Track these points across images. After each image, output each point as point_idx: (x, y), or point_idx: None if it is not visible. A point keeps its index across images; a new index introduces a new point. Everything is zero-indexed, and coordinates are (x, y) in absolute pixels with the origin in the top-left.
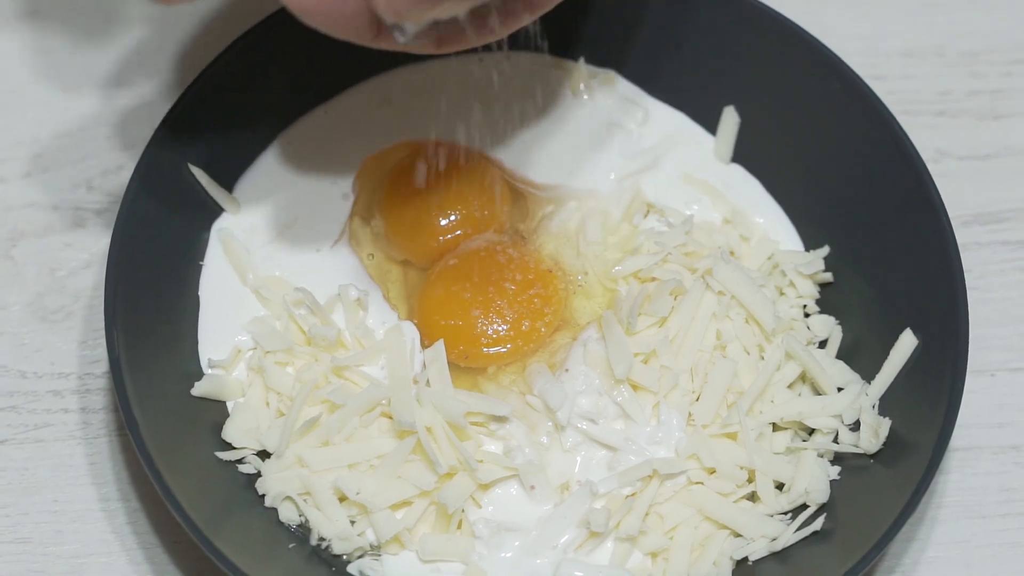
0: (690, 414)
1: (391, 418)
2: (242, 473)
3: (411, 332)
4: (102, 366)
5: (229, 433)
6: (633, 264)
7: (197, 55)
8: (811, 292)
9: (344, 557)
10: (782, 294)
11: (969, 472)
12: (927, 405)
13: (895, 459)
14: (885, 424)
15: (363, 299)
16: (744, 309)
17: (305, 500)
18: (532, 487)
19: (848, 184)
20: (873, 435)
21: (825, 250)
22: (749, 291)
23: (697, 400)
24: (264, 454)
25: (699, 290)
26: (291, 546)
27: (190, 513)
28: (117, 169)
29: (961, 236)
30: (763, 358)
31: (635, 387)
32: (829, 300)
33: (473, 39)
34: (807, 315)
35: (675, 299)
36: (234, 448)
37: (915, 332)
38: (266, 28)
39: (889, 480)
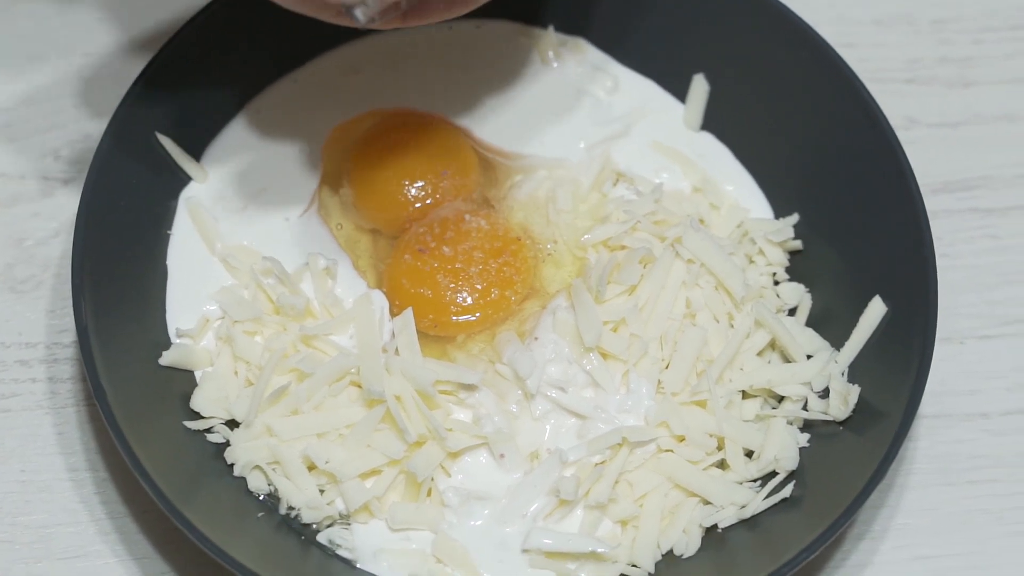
0: (660, 382)
1: (360, 387)
2: (211, 443)
3: (380, 301)
4: (70, 335)
5: (197, 402)
6: (602, 232)
7: (165, 23)
8: (781, 260)
9: (314, 526)
10: (752, 262)
11: (938, 439)
12: (896, 372)
13: (864, 426)
14: (854, 391)
15: (332, 268)
16: (714, 277)
17: (274, 469)
18: (502, 455)
19: (818, 152)
20: (842, 402)
21: (795, 218)
22: (719, 259)
23: (667, 368)
24: (233, 423)
25: (668, 258)
26: (260, 515)
27: (159, 483)
28: (84, 138)
29: (931, 203)
30: (732, 326)
31: (604, 355)
32: (799, 268)
33: (441, 11)
34: (776, 283)
35: (644, 267)
36: (203, 417)
37: (884, 300)
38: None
39: (858, 447)
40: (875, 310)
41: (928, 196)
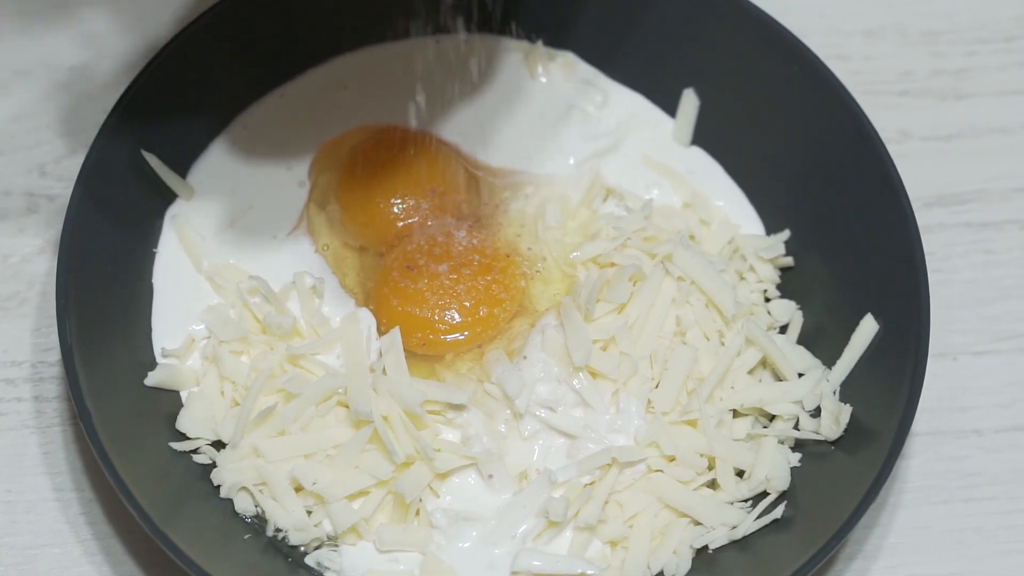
0: (649, 401)
1: (347, 407)
2: (197, 464)
3: (367, 319)
4: (55, 354)
5: (183, 423)
6: (592, 249)
7: (151, 38)
8: (772, 277)
9: (301, 548)
10: (742, 279)
11: (931, 457)
12: (888, 390)
13: (856, 445)
14: (846, 411)
15: (319, 287)
16: (704, 294)
17: (261, 491)
18: (490, 476)
19: (809, 167)
20: (834, 421)
21: (786, 234)
22: (709, 276)
23: (657, 387)
24: (219, 444)
25: (658, 275)
26: (247, 537)
27: (144, 505)
28: (70, 154)
29: (923, 218)
30: (723, 344)
31: (594, 374)
32: (790, 284)
33: None
34: (768, 300)
35: (634, 285)
36: (189, 438)
37: (876, 316)
38: (221, 11)
39: (850, 466)
40: (867, 328)
41: (921, 210)
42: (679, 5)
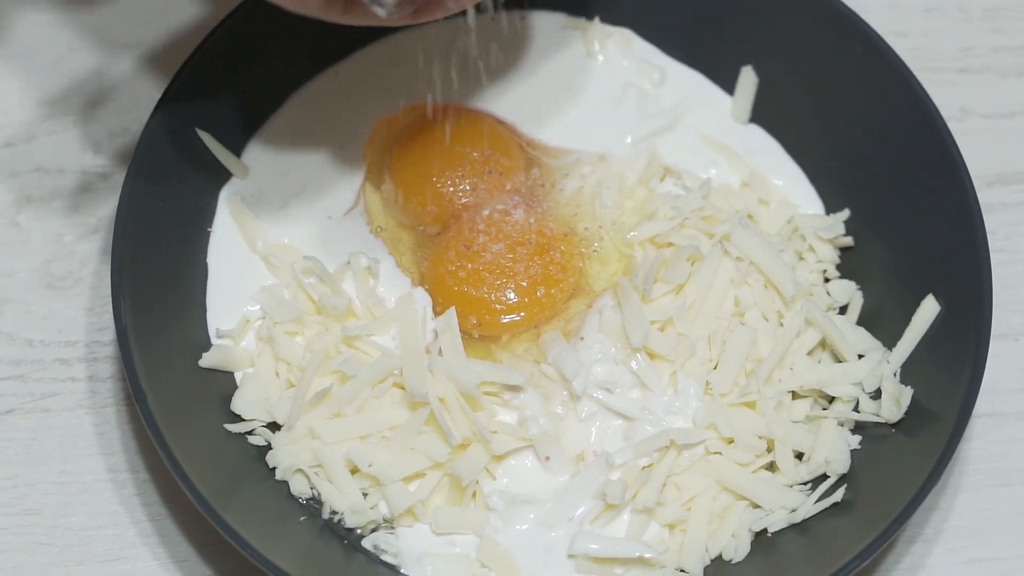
0: (708, 383)
1: (403, 389)
2: (252, 445)
3: (423, 300)
4: (109, 333)
5: (238, 405)
6: (649, 229)
7: (206, 17)
8: (831, 257)
9: (357, 531)
10: (801, 259)
11: (992, 439)
12: (950, 372)
13: (917, 428)
14: (907, 393)
15: (374, 267)
16: (762, 275)
17: (316, 473)
18: (547, 458)
19: (869, 145)
20: (895, 404)
21: (845, 213)
22: (768, 257)
23: (715, 368)
24: (274, 426)
25: (717, 256)
26: (302, 519)
27: (198, 486)
28: (124, 132)
29: (985, 197)
30: (782, 325)
31: (652, 355)
32: (850, 265)
33: (451, 5)
34: (827, 280)
35: (692, 265)
36: (243, 420)
37: (938, 297)
38: None
39: (911, 449)
40: (928, 309)
41: (982, 189)
42: None
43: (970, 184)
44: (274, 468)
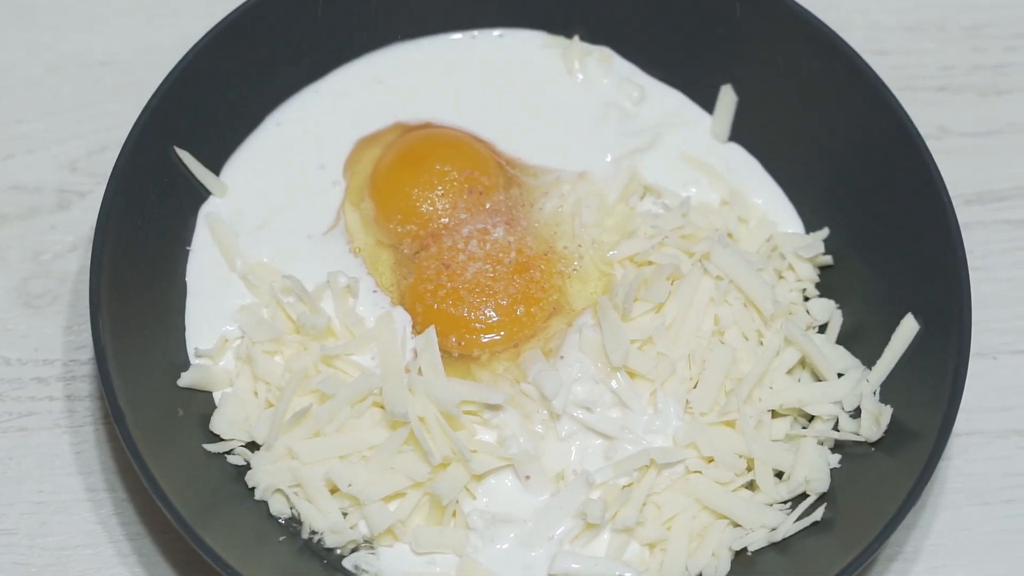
0: (688, 402)
1: (383, 408)
2: (231, 465)
3: (402, 319)
4: (87, 352)
5: (217, 424)
6: (629, 248)
7: (185, 34)
8: (811, 275)
9: (337, 551)
10: (781, 277)
11: (971, 457)
12: (929, 391)
13: (896, 446)
14: (886, 412)
15: (353, 286)
16: (742, 294)
17: (296, 493)
18: (527, 477)
19: (848, 163)
20: (874, 423)
21: (824, 232)
22: (747, 275)
23: (695, 387)
24: (253, 445)
25: (697, 275)
26: (282, 539)
27: (177, 505)
28: (102, 150)
29: (963, 215)
30: (762, 344)
31: (632, 374)
32: (829, 283)
33: None
34: (807, 299)
35: (672, 284)
36: (222, 440)
37: (916, 315)
38: (255, 5)
39: (891, 468)
40: (907, 327)
41: (960, 207)
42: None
43: (949, 203)
44: (253, 488)
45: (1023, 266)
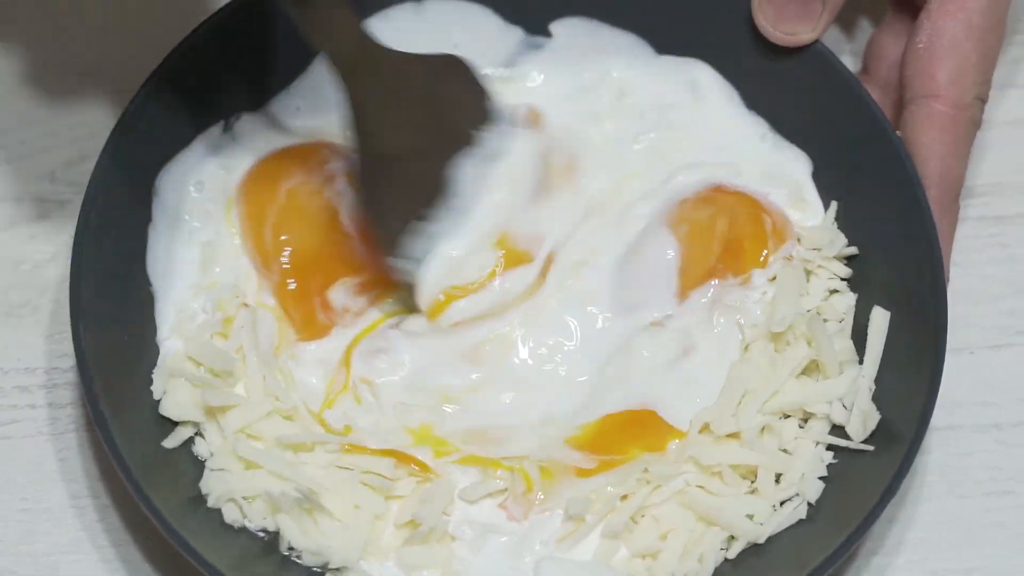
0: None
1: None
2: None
3: None
4: (69, 360)
5: (166, 407)
6: None
7: (163, 43)
8: (842, 271)
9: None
10: (811, 273)
11: (950, 451)
12: (907, 385)
13: (876, 441)
14: (874, 417)
15: None
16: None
17: (275, 508)
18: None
19: (824, 159)
20: (862, 424)
21: (833, 208)
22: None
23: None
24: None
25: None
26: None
27: (162, 511)
28: (81, 159)
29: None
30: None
31: None
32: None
33: None
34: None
35: None
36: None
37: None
38: (231, 15)
39: (870, 462)
40: (879, 319)
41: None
42: None
43: (925, 199)
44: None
45: (1000, 262)
